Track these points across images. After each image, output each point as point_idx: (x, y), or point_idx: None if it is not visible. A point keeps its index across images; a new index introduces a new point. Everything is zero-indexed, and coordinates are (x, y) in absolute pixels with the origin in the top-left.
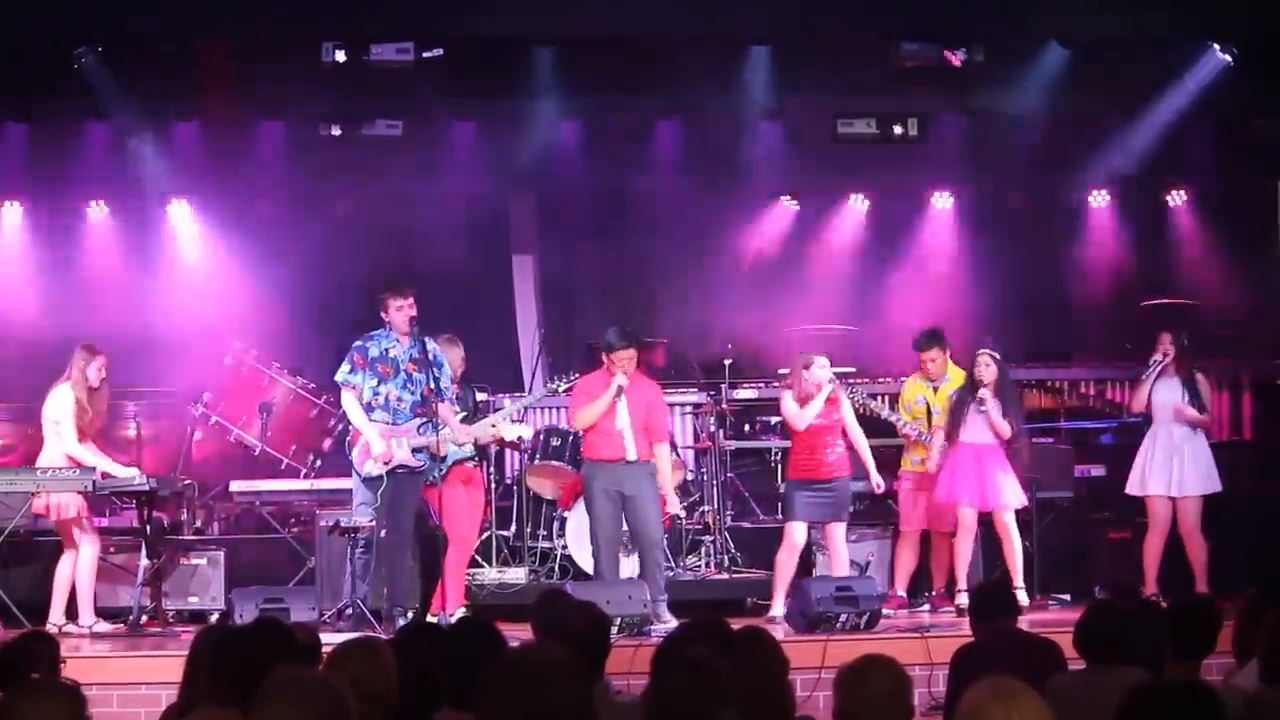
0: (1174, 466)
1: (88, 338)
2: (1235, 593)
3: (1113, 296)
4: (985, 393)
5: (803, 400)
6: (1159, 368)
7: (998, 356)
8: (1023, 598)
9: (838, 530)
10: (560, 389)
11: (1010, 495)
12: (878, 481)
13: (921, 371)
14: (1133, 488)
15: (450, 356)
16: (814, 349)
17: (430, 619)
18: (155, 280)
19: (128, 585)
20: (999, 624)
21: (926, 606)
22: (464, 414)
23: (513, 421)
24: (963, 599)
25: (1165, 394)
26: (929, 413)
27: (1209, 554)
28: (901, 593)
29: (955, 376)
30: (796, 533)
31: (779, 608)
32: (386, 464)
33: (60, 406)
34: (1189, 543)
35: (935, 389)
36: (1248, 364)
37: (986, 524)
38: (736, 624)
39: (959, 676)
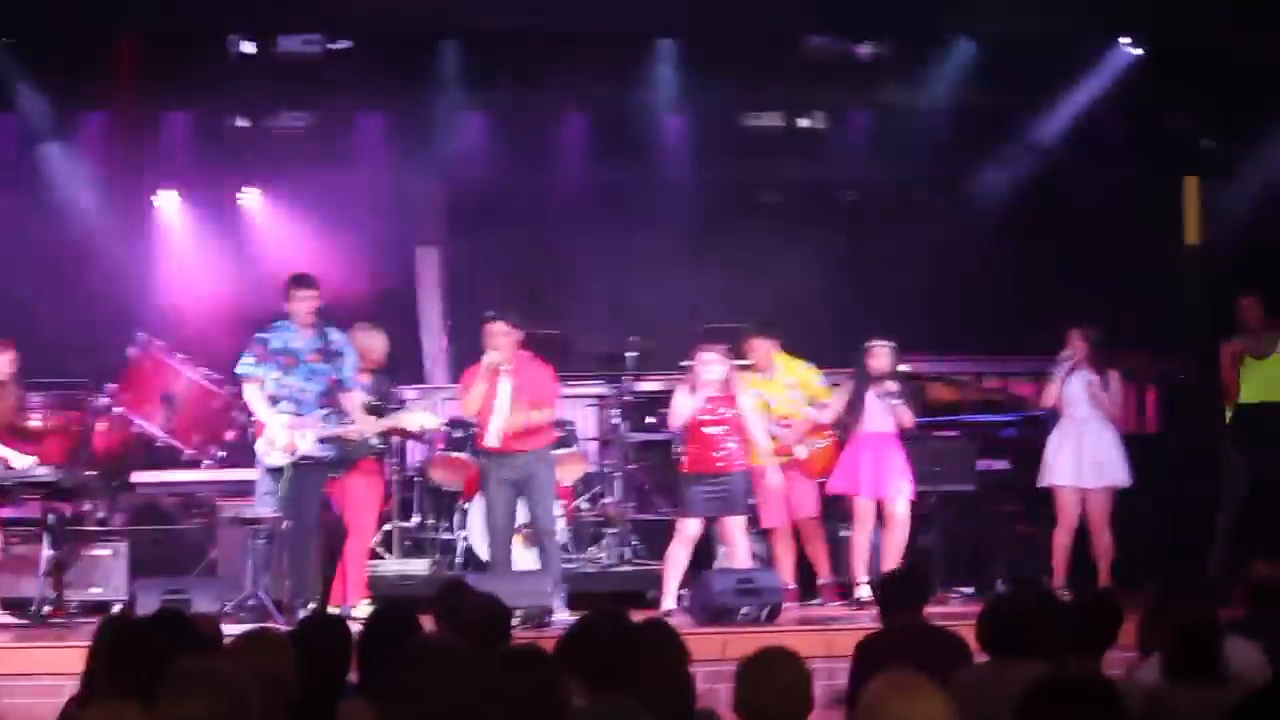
0: (1084, 459)
1: None
2: (1138, 587)
3: (1017, 290)
4: (891, 383)
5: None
6: (1068, 365)
7: (893, 345)
8: (865, 593)
9: (735, 524)
10: None
11: (906, 485)
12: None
13: (750, 364)
14: (1042, 480)
15: (373, 344)
16: (711, 344)
17: (332, 610)
18: (61, 270)
19: (30, 576)
20: (907, 614)
21: (818, 599)
22: (378, 403)
23: (421, 411)
24: (861, 591)
25: (1077, 389)
26: (766, 405)
27: (1113, 549)
28: (791, 585)
29: (786, 366)
30: (689, 527)
31: (670, 601)
32: (291, 455)
33: None
34: (1096, 537)
35: (768, 380)
36: (1153, 358)
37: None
38: (638, 616)
39: (863, 667)
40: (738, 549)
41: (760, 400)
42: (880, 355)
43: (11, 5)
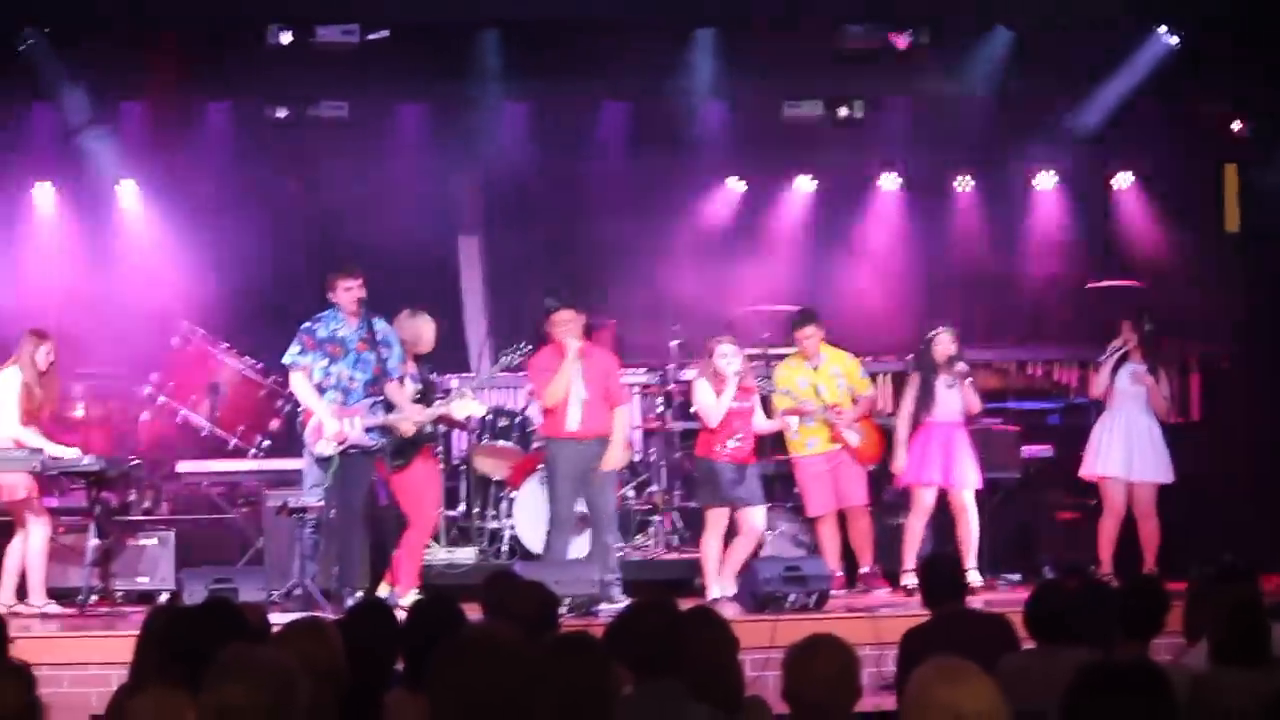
0: (1133, 451)
1: (36, 322)
2: (1182, 574)
3: (1059, 278)
4: (963, 365)
5: (715, 388)
6: (1117, 353)
7: (957, 333)
8: (975, 578)
9: (759, 513)
10: (514, 361)
11: (973, 474)
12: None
13: (799, 351)
14: (1087, 470)
15: (422, 330)
16: (721, 333)
17: (381, 591)
18: (103, 262)
19: (77, 566)
20: (950, 604)
21: (859, 587)
22: (421, 389)
23: (468, 399)
24: (909, 579)
25: (1127, 381)
26: (816, 392)
27: (1159, 535)
28: (838, 573)
29: (831, 356)
30: (721, 515)
31: (715, 591)
32: (340, 443)
33: (5, 388)
34: (1144, 525)
35: (815, 368)
36: (1195, 346)
37: (939, 505)
38: (685, 604)
39: (909, 656)
40: (752, 539)
41: (808, 389)
42: (945, 341)
43: None
